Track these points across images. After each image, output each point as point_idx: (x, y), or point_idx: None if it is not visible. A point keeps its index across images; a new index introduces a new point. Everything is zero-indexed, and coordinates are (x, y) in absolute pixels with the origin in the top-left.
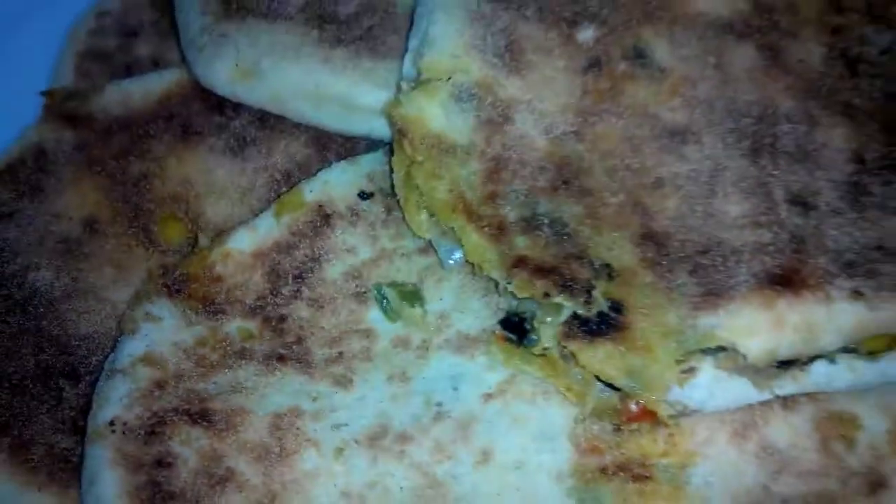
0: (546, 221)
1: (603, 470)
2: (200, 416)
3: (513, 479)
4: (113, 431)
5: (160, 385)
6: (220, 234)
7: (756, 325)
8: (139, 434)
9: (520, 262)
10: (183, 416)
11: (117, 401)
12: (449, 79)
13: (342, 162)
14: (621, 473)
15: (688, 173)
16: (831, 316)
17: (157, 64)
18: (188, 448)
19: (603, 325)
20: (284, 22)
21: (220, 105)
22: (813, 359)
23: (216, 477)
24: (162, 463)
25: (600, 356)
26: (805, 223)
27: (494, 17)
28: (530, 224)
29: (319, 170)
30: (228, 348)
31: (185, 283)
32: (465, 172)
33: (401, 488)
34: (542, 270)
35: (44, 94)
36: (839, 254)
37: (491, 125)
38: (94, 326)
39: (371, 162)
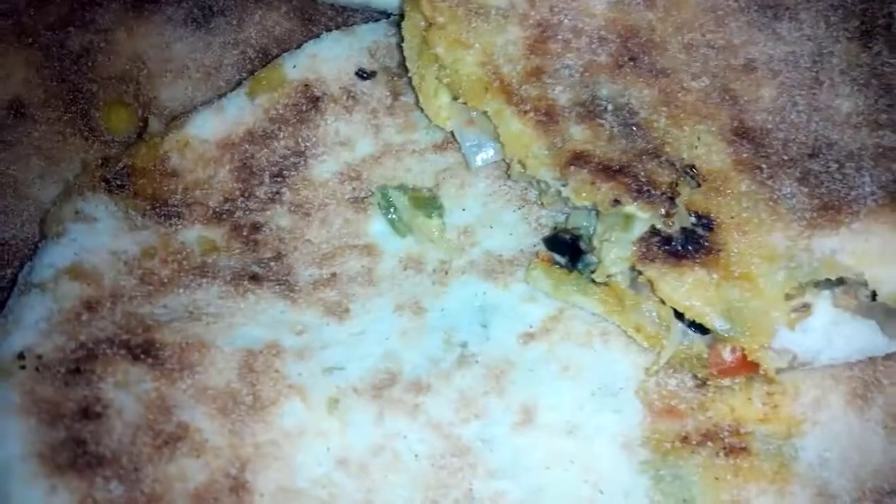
0: (609, 108)
1: (684, 438)
2: (144, 349)
3: (565, 447)
4: (23, 367)
5: (91, 306)
6: (177, 118)
7: (889, 250)
8: (59, 372)
9: (577, 159)
10: (120, 348)
11: (32, 325)
12: None
13: (335, 32)
14: (709, 444)
15: (785, 56)
16: None
17: None
18: (126, 393)
19: (689, 246)
20: None
21: None
22: None
23: (164, 435)
24: (89, 413)
25: (687, 286)
26: None
27: None
28: (589, 110)
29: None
30: (185, 262)
31: (130, 176)
32: (503, 41)
33: (416, 455)
34: (607, 170)
35: None
36: None
37: None
38: (13, 230)
39: (372, 32)
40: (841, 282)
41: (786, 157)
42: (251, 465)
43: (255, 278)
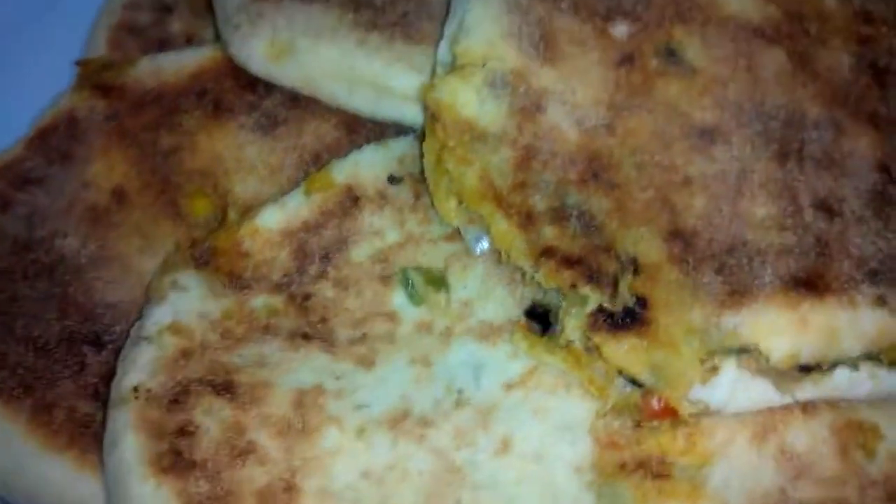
0: (574, 213)
1: (622, 466)
2: (224, 387)
3: (532, 469)
4: (136, 397)
5: (185, 354)
6: (249, 210)
7: (779, 326)
8: (162, 401)
9: (547, 252)
10: (207, 386)
11: (142, 367)
12: (484, 65)
13: (373, 144)
14: (640, 470)
15: (716, 173)
16: (854, 321)
17: (190, 41)
18: (211, 418)
19: (627, 319)
20: (321, 3)
21: (252, 84)
22: (835, 365)
23: (238, 449)
24: (184, 431)
25: (624, 349)
26: (829, 228)
27: (530, 8)
28: (559, 214)
29: (349, 151)
30: (254, 322)
31: (213, 256)
32: (496, 159)
33: (420, 472)
34: (569, 261)
35: (78, 63)
36: (863, 261)
37: (523, 113)
38: (120, 295)
39: (401, 145)
40: (744, 349)
41: (708, 253)
42: (300, 473)
43: (305, 336)
